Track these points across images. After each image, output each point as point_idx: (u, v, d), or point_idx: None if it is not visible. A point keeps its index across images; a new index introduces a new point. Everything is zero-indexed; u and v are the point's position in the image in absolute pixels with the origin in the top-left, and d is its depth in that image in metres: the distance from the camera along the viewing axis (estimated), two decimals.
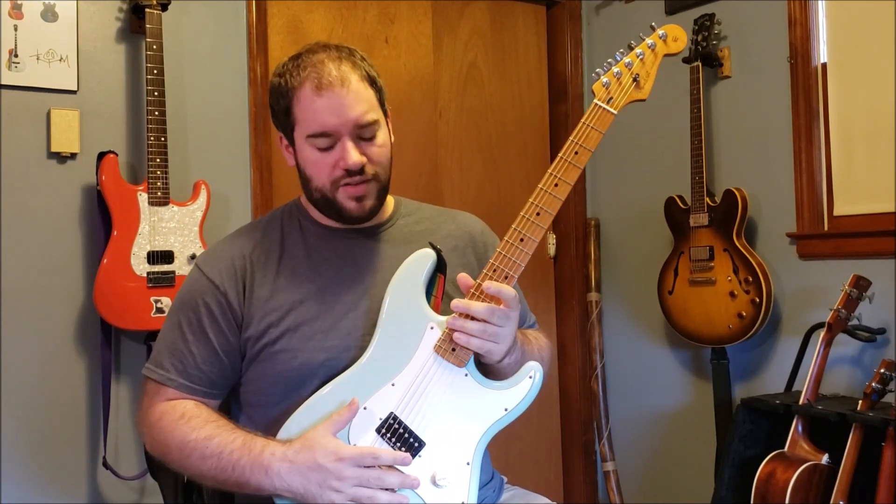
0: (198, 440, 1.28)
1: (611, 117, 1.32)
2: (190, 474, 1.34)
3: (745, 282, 2.53)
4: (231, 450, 1.25)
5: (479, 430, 1.28)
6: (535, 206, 1.29)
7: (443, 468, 1.26)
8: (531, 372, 1.30)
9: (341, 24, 2.79)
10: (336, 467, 1.20)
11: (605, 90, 1.33)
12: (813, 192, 2.51)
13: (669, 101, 2.88)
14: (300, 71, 1.35)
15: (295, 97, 1.36)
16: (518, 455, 3.11)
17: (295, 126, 1.38)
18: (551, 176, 1.30)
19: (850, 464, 2.08)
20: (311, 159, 1.37)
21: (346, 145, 1.34)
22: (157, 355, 1.40)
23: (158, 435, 1.33)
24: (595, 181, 3.22)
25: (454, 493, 1.26)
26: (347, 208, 1.38)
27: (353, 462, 1.21)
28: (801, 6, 2.52)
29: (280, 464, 1.22)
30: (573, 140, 1.31)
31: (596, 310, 3.18)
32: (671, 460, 2.95)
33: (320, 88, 1.33)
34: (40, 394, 2.24)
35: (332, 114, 1.33)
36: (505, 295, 1.26)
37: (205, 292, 1.38)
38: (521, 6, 3.20)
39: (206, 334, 1.36)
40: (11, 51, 2.22)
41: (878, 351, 2.33)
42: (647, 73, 1.36)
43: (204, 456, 1.27)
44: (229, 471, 1.25)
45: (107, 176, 2.21)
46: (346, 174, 1.35)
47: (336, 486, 1.20)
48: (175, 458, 1.31)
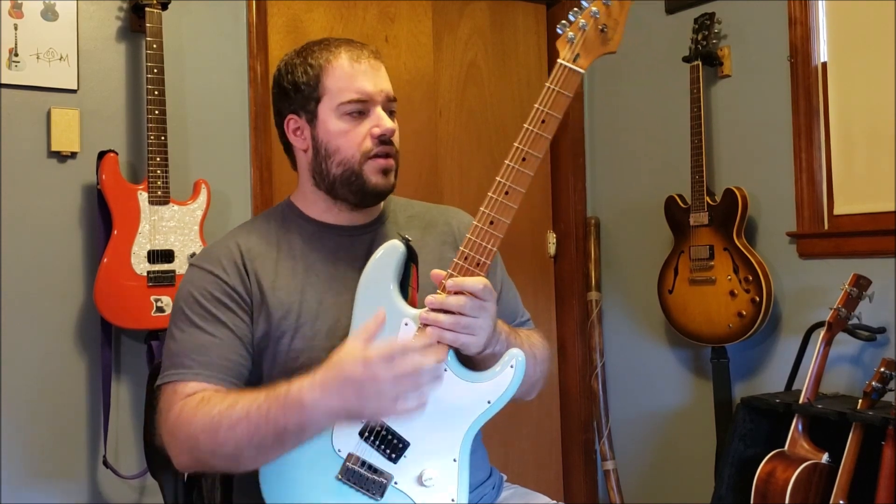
0: (221, 412, 1.20)
1: (578, 77, 1.23)
2: (226, 455, 1.21)
3: (745, 281, 2.53)
4: (258, 405, 1.18)
5: (463, 425, 1.24)
6: (504, 184, 1.24)
7: (429, 467, 1.24)
8: (512, 361, 1.24)
9: (341, 23, 2.79)
10: (367, 373, 1.12)
11: (570, 46, 1.23)
12: (813, 192, 2.51)
13: (669, 100, 2.88)
14: (331, 47, 1.39)
15: (329, 67, 1.37)
16: (518, 454, 3.11)
17: (322, 98, 1.37)
18: (518, 150, 1.24)
19: (850, 463, 2.08)
20: (342, 129, 1.36)
21: (381, 113, 1.37)
22: (174, 359, 1.31)
23: (181, 431, 1.23)
24: (595, 180, 3.22)
25: (442, 491, 1.24)
26: (373, 182, 1.36)
27: (384, 361, 1.12)
28: (802, 5, 2.52)
29: (311, 393, 1.15)
30: (538, 107, 1.23)
31: (596, 309, 3.18)
32: (671, 459, 2.95)
33: (360, 58, 1.37)
34: (40, 393, 2.24)
35: (371, 81, 1.37)
36: (469, 287, 1.20)
37: (207, 284, 1.34)
38: (521, 6, 3.20)
39: (219, 321, 1.32)
40: (11, 50, 2.22)
41: (878, 350, 2.33)
42: (616, 22, 1.23)
43: (232, 424, 1.18)
44: (263, 425, 1.16)
45: (107, 175, 2.21)
46: (377, 143, 1.36)
47: (373, 392, 1.12)
48: (206, 445, 1.21)
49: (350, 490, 1.23)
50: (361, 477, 1.23)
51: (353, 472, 1.23)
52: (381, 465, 1.24)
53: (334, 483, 1.24)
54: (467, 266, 1.23)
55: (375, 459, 1.24)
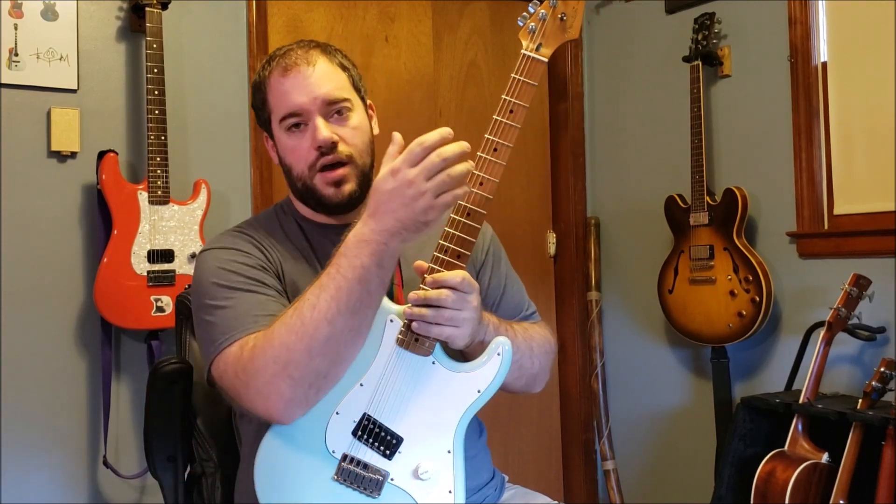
0: (296, 307, 1.19)
1: (542, 66, 1.25)
2: (322, 341, 1.17)
3: (745, 280, 2.53)
4: (326, 275, 1.18)
5: (454, 416, 1.25)
6: (479, 175, 1.24)
7: (424, 461, 1.24)
8: (499, 349, 1.25)
9: (341, 22, 2.79)
10: (399, 179, 1.13)
11: (532, 36, 1.26)
12: (813, 191, 2.51)
13: (669, 99, 2.88)
14: (270, 62, 1.40)
15: (268, 86, 1.39)
16: (518, 454, 3.11)
17: (271, 116, 1.40)
18: (489, 141, 1.24)
19: (849, 463, 2.08)
20: (289, 146, 1.38)
21: (316, 122, 1.35)
22: (227, 325, 1.26)
23: (265, 355, 1.19)
24: (595, 180, 3.22)
25: (439, 483, 1.24)
26: (326, 195, 1.37)
27: (408, 164, 1.14)
28: (802, 5, 2.52)
29: (366, 226, 1.16)
30: (506, 98, 1.25)
31: (596, 309, 3.18)
32: (671, 459, 2.95)
33: (287, 70, 1.36)
34: (40, 393, 2.24)
35: (299, 92, 1.35)
36: (449, 282, 1.20)
37: (234, 256, 1.34)
38: (521, 5, 3.17)
39: (261, 283, 1.31)
40: (11, 50, 2.22)
41: (878, 350, 2.33)
42: (574, 10, 1.26)
43: (314, 304, 1.17)
44: (344, 284, 1.16)
45: (107, 175, 2.21)
46: (319, 154, 1.35)
47: (413, 193, 1.13)
48: (298, 345, 1.17)
49: (347, 490, 1.23)
50: (357, 476, 1.23)
51: (349, 472, 1.23)
52: (376, 462, 1.24)
53: (331, 484, 1.24)
54: (448, 259, 1.23)
55: (370, 457, 1.24)
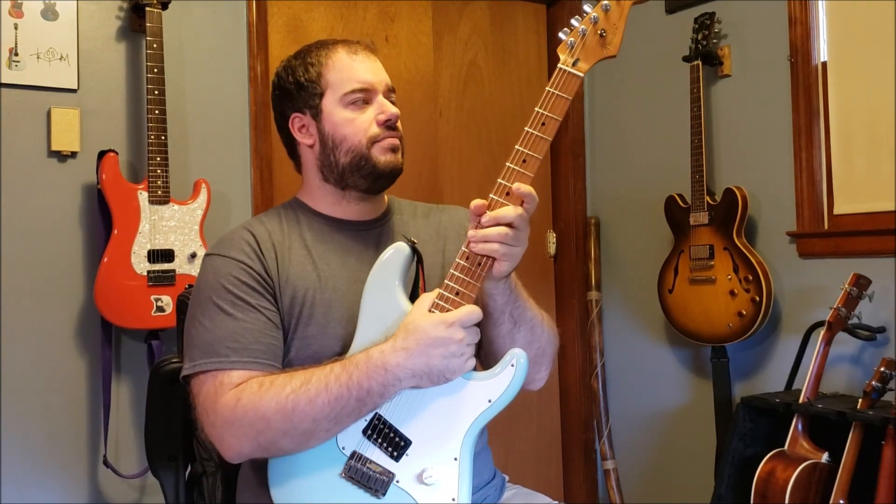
0: (295, 390, 1.23)
1: (578, 81, 1.26)
2: (300, 432, 1.24)
3: (745, 280, 2.53)
4: (335, 375, 1.23)
5: (464, 424, 1.25)
6: (505, 185, 1.26)
7: (430, 466, 1.25)
8: (513, 360, 1.26)
9: (341, 22, 2.79)
10: (450, 333, 1.22)
11: (570, 51, 1.26)
12: (813, 191, 2.51)
13: (669, 99, 2.89)
14: (327, 45, 1.45)
15: (329, 62, 1.43)
16: (518, 454, 3.11)
17: (325, 91, 1.42)
18: (519, 152, 1.26)
19: (849, 462, 2.08)
20: (347, 118, 1.41)
21: (383, 100, 1.43)
22: (207, 348, 1.30)
23: (245, 416, 1.23)
24: (595, 180, 3.22)
25: (443, 490, 1.24)
26: (383, 161, 1.41)
27: (461, 324, 1.23)
28: (802, 5, 2.52)
29: (394, 355, 1.23)
30: (539, 110, 1.26)
31: (596, 308, 3.18)
32: (671, 459, 2.95)
33: (356, 52, 1.44)
34: (40, 393, 2.24)
35: (369, 72, 1.43)
36: (506, 219, 1.25)
37: (232, 269, 1.35)
38: (521, 5, 3.20)
39: (250, 305, 1.32)
40: (12, 49, 2.22)
41: (878, 349, 2.33)
42: (615, 27, 1.26)
43: (311, 399, 1.22)
44: (345, 394, 1.22)
45: (107, 175, 2.21)
46: (384, 129, 1.41)
47: (455, 350, 1.23)
48: (279, 425, 1.22)
49: (353, 488, 1.24)
50: (364, 474, 1.24)
51: (357, 470, 1.25)
52: (383, 462, 1.25)
53: (338, 481, 1.25)
54: (473, 251, 1.28)
55: (378, 457, 1.25)
